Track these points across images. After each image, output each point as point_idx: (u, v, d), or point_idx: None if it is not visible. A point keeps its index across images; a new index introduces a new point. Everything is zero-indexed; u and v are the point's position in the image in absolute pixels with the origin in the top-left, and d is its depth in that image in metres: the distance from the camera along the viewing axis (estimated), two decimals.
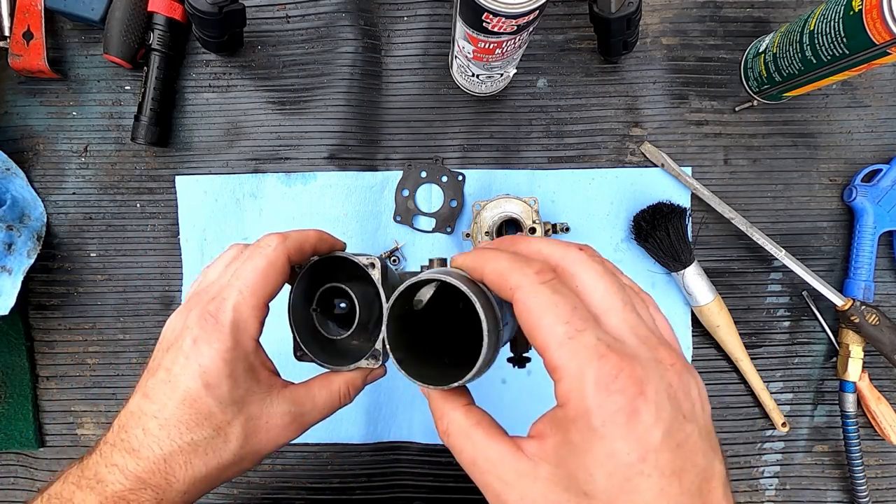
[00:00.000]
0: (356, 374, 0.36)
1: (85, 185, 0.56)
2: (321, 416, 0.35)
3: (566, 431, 0.23)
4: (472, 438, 0.26)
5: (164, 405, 0.31)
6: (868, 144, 0.54)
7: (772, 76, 0.50)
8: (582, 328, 0.23)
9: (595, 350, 0.22)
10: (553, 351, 0.23)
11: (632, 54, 0.54)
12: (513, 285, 0.25)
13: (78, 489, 0.31)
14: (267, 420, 0.33)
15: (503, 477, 0.24)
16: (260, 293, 0.32)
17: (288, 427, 0.33)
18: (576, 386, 0.22)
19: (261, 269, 0.32)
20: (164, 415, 0.30)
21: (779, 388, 0.55)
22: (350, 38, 0.54)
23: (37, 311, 0.56)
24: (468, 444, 0.26)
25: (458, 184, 0.54)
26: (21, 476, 0.57)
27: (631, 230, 0.54)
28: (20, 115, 0.56)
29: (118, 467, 0.30)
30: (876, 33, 0.38)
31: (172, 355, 0.32)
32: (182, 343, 0.31)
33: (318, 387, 0.35)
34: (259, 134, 0.55)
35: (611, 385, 0.22)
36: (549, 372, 0.24)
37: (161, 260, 0.56)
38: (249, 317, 0.32)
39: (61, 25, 0.55)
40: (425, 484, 0.55)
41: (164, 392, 0.31)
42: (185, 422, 0.30)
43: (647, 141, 0.54)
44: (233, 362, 0.31)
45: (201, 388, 0.30)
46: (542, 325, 0.23)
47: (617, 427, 0.21)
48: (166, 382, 0.31)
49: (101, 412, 0.56)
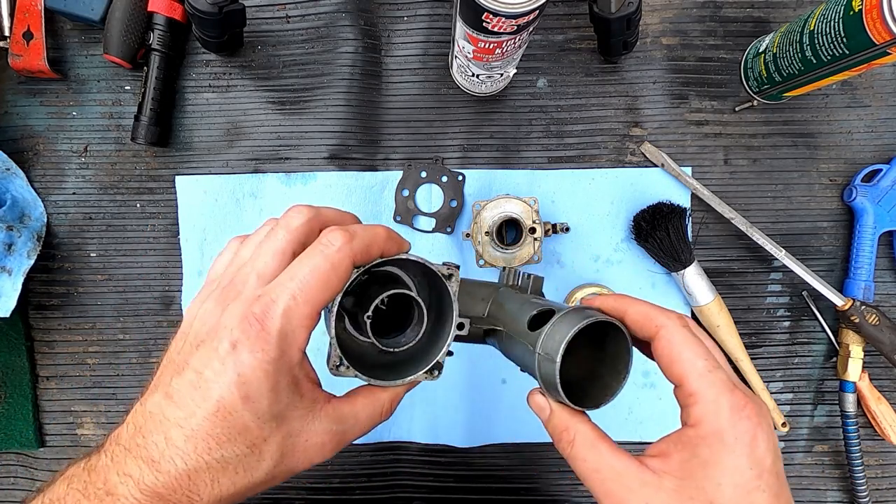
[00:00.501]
0: (401, 388, 0.33)
1: (85, 185, 0.56)
2: (361, 433, 0.32)
3: (695, 447, 0.27)
4: (599, 449, 0.29)
5: (192, 413, 0.27)
6: (868, 144, 0.54)
7: (772, 76, 0.50)
8: (716, 366, 0.28)
9: (727, 384, 0.28)
10: (693, 380, 0.28)
11: (632, 54, 0.54)
12: (658, 324, 0.30)
13: (84, 498, 0.27)
14: (307, 438, 0.29)
15: (628, 485, 0.28)
16: (316, 301, 0.28)
17: (327, 445, 0.30)
18: (712, 409, 0.27)
19: (321, 272, 0.28)
20: (191, 424, 0.27)
21: (779, 388, 0.55)
22: (350, 38, 0.54)
23: (37, 311, 0.56)
24: (594, 454, 0.29)
25: (458, 184, 0.54)
26: (21, 476, 0.57)
27: (631, 230, 0.54)
28: (20, 115, 0.56)
29: (133, 479, 0.26)
30: (876, 33, 0.38)
31: (204, 356, 0.27)
32: (218, 344, 0.27)
33: (363, 402, 0.32)
34: (259, 134, 0.55)
35: (741, 412, 0.27)
36: (682, 397, 0.29)
37: (161, 260, 0.56)
38: (300, 326, 0.27)
39: (61, 25, 0.55)
40: (425, 484, 0.55)
41: (193, 398, 0.27)
42: (215, 436, 0.27)
43: (647, 141, 0.54)
44: (276, 374, 0.27)
45: (238, 401, 0.26)
46: (683, 359, 0.28)
47: (744, 446, 0.27)
48: (196, 387, 0.27)
49: (101, 412, 0.56)
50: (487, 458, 0.56)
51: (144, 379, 0.56)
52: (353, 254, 0.29)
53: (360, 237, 0.29)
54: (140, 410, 0.28)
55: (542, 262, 0.52)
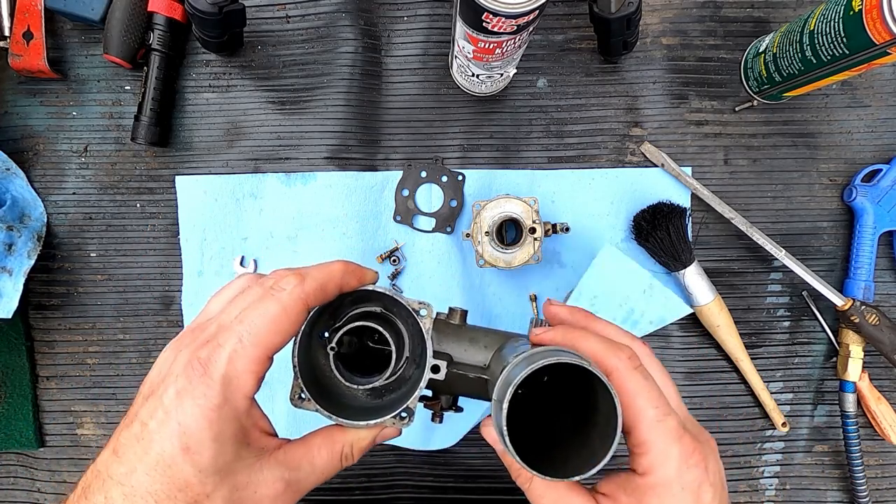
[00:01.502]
0: (366, 432, 0.31)
1: (85, 185, 0.56)
2: (319, 481, 0.30)
3: (643, 495, 0.28)
4: (558, 490, 0.30)
5: (132, 468, 0.25)
6: (868, 144, 0.54)
7: (772, 76, 0.50)
8: (667, 412, 0.28)
9: (677, 432, 0.28)
10: (643, 430, 0.28)
11: (632, 54, 0.54)
12: (609, 367, 0.29)
13: None
14: (255, 490, 0.27)
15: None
16: (264, 345, 0.27)
17: (280, 496, 0.28)
18: (660, 460, 0.28)
19: (271, 316, 0.27)
20: (131, 481, 0.25)
21: (779, 388, 0.55)
22: (350, 38, 0.54)
23: (37, 311, 0.56)
24: (552, 494, 0.30)
25: (458, 184, 0.54)
26: (21, 476, 0.57)
27: (631, 230, 0.54)
28: (20, 115, 0.56)
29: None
30: (876, 33, 0.38)
31: (151, 406, 0.26)
32: (163, 392, 0.26)
33: (319, 446, 0.30)
34: (259, 134, 0.55)
35: (689, 460, 0.28)
36: (633, 445, 0.29)
37: (161, 260, 0.56)
38: (246, 371, 0.26)
39: (61, 25, 0.55)
40: (425, 484, 0.55)
41: (135, 451, 0.26)
42: (154, 492, 0.25)
43: (647, 141, 0.54)
44: (219, 422, 0.26)
45: (178, 453, 0.25)
46: (634, 406, 0.28)
47: (690, 495, 0.28)
48: (139, 440, 0.26)
49: (101, 412, 0.56)
50: (487, 458, 0.56)
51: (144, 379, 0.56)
52: (306, 295, 0.28)
53: (313, 277, 0.28)
54: (91, 469, 0.27)
55: (542, 262, 0.52)
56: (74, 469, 0.56)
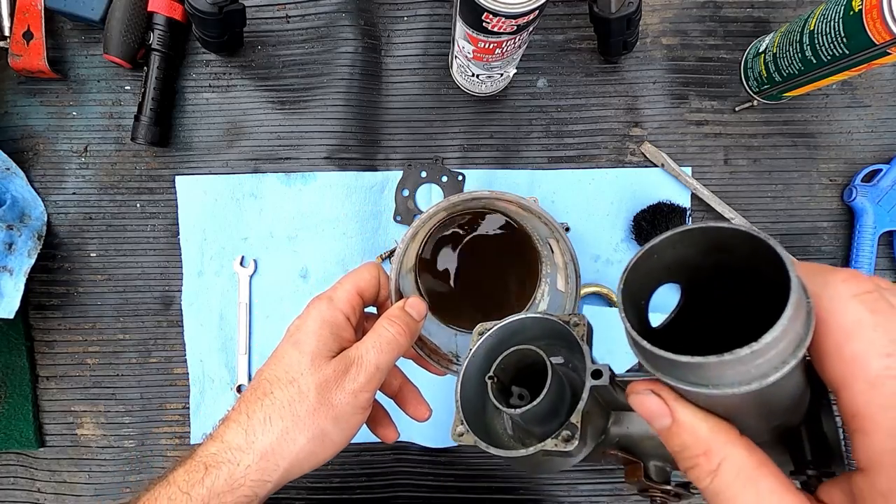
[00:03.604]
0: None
1: (85, 185, 0.56)
2: (379, 364, 0.36)
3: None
4: (759, 488, 0.19)
5: (262, 367, 0.37)
6: (868, 144, 0.54)
7: (772, 76, 0.50)
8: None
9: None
10: (860, 390, 0.18)
11: (632, 54, 0.54)
12: (817, 289, 0.19)
13: None
14: (333, 369, 0.35)
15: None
16: (353, 283, 0.38)
17: (342, 377, 0.35)
18: (890, 448, 0.17)
19: (357, 273, 0.39)
20: (258, 376, 0.36)
21: None
22: (350, 38, 0.54)
23: (37, 311, 0.56)
24: (751, 495, 0.19)
25: (458, 184, 0.54)
26: (21, 476, 0.57)
27: (631, 230, 0.54)
28: (20, 115, 0.56)
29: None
30: (876, 33, 0.38)
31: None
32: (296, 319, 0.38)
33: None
34: (259, 134, 0.55)
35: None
36: (847, 417, 0.18)
37: (161, 260, 0.56)
38: (343, 298, 0.37)
39: (61, 25, 0.55)
40: (425, 483, 0.55)
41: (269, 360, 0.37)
42: (269, 377, 0.35)
43: (647, 141, 0.54)
44: (321, 325, 0.36)
45: (289, 346, 0.36)
46: (848, 349, 0.18)
47: None
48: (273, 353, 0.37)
49: (101, 412, 0.56)
50: (487, 458, 0.56)
51: (144, 379, 0.56)
52: (374, 265, 0.40)
53: (372, 265, 0.40)
54: None
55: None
56: (74, 469, 0.56)
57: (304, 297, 0.55)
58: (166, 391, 0.56)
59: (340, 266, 0.55)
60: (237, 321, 0.55)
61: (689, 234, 0.20)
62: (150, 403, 0.56)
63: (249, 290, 0.55)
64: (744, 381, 0.17)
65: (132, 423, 0.56)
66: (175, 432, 0.56)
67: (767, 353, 0.17)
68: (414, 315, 0.38)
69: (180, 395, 0.56)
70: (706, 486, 0.20)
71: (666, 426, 0.21)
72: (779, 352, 0.17)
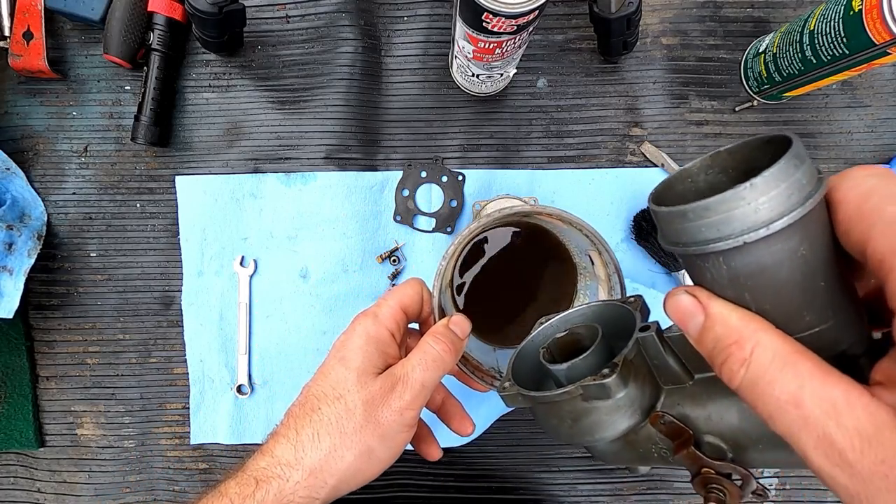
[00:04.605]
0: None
1: (85, 185, 0.56)
2: (424, 381, 0.36)
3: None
4: (798, 370, 0.18)
5: (309, 384, 0.37)
6: (868, 144, 0.54)
7: (772, 76, 0.50)
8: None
9: None
10: (881, 234, 0.17)
11: (632, 54, 0.54)
12: (835, 179, 0.20)
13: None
14: (378, 386, 0.35)
15: (863, 429, 0.17)
16: (398, 299, 0.38)
17: (389, 394, 0.35)
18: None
19: (401, 290, 0.39)
20: (305, 391, 0.37)
21: None
22: (350, 38, 0.54)
23: (37, 311, 0.56)
24: (789, 377, 0.18)
25: (458, 184, 0.54)
26: (21, 476, 0.57)
27: (631, 230, 0.54)
28: (20, 115, 0.56)
29: None
30: (876, 33, 0.38)
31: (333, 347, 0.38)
32: (343, 333, 0.38)
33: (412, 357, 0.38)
34: (259, 134, 0.55)
35: None
36: (877, 267, 0.18)
37: (161, 260, 0.56)
38: (388, 314, 0.38)
39: (61, 25, 0.55)
40: (425, 483, 0.55)
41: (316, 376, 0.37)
42: (316, 393, 0.35)
43: (647, 141, 0.54)
44: (367, 342, 0.36)
45: (336, 363, 0.36)
46: (865, 208, 0.18)
47: None
48: (320, 370, 0.37)
49: (101, 412, 0.56)
50: (488, 458, 0.56)
51: (144, 379, 0.56)
52: (417, 281, 0.40)
53: (415, 281, 0.40)
54: None
55: None
56: (74, 469, 0.56)
57: (304, 297, 0.55)
58: (166, 391, 0.56)
59: (340, 266, 0.55)
60: (237, 321, 0.55)
61: (717, 156, 0.21)
62: (150, 403, 0.56)
63: (249, 290, 0.55)
64: (752, 227, 0.18)
65: (132, 423, 0.56)
66: (175, 432, 0.56)
67: (769, 192, 0.18)
68: (458, 332, 0.38)
69: (180, 395, 0.56)
70: (741, 380, 0.19)
71: (699, 324, 0.20)
72: (781, 195, 0.18)
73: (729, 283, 0.20)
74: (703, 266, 0.20)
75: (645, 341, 0.27)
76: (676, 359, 0.26)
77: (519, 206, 0.41)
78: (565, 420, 0.29)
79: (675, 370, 0.27)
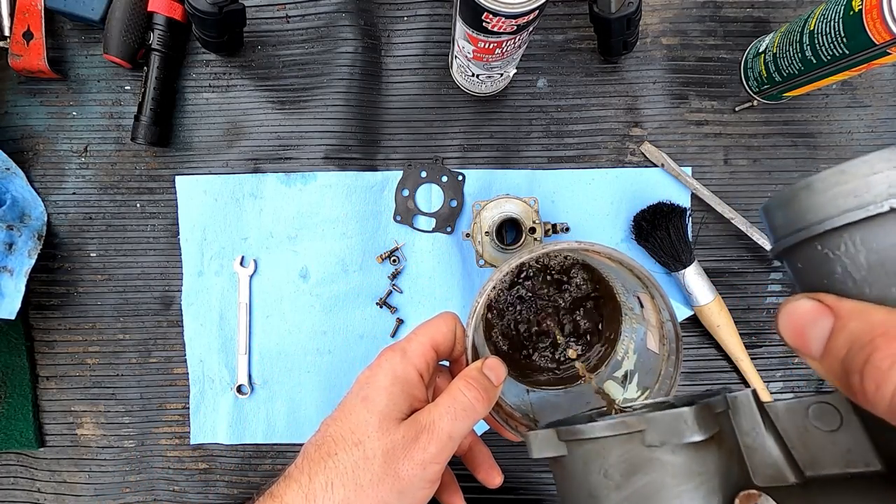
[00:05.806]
0: None
1: (85, 185, 0.56)
2: (452, 433, 0.34)
3: None
4: None
5: (327, 424, 0.34)
6: (868, 144, 0.54)
7: (772, 76, 0.50)
8: None
9: None
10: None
11: (632, 54, 0.54)
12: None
13: None
14: (402, 435, 0.33)
15: None
16: (429, 336, 0.36)
17: (413, 445, 0.33)
18: None
19: (432, 326, 0.36)
20: (322, 431, 0.34)
21: (779, 388, 0.55)
22: (350, 38, 0.54)
23: (37, 311, 0.56)
24: None
25: (458, 184, 0.54)
26: (21, 476, 0.57)
27: (631, 230, 0.54)
28: (20, 115, 0.56)
29: None
30: (876, 33, 0.38)
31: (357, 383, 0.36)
32: (369, 366, 0.35)
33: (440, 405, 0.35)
34: (259, 134, 0.55)
35: None
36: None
37: (161, 260, 0.56)
38: (417, 351, 0.35)
39: (61, 25, 0.55)
40: None
41: (334, 415, 0.35)
42: (334, 436, 0.33)
43: (647, 141, 0.54)
44: (393, 381, 0.34)
45: (359, 402, 0.33)
46: None
47: None
48: (341, 406, 0.35)
49: (101, 412, 0.56)
50: None
51: (144, 379, 0.56)
52: (452, 316, 0.37)
53: (441, 322, 0.36)
54: None
55: None
56: (74, 469, 0.56)
57: (303, 297, 0.55)
58: (166, 391, 0.56)
59: (340, 266, 0.55)
60: (237, 321, 0.55)
61: None
62: (150, 403, 0.56)
63: (249, 290, 0.55)
64: (854, 207, 0.15)
65: (132, 423, 0.56)
66: (175, 432, 0.56)
67: (863, 177, 0.15)
68: (493, 379, 0.35)
69: (180, 395, 0.56)
70: (880, 393, 0.15)
71: (825, 329, 0.16)
72: (876, 180, 0.15)
73: (869, 271, 0.15)
74: (829, 257, 0.16)
75: (737, 403, 0.20)
76: (779, 441, 0.20)
77: (565, 243, 0.36)
78: (612, 475, 0.21)
79: (774, 458, 0.20)
